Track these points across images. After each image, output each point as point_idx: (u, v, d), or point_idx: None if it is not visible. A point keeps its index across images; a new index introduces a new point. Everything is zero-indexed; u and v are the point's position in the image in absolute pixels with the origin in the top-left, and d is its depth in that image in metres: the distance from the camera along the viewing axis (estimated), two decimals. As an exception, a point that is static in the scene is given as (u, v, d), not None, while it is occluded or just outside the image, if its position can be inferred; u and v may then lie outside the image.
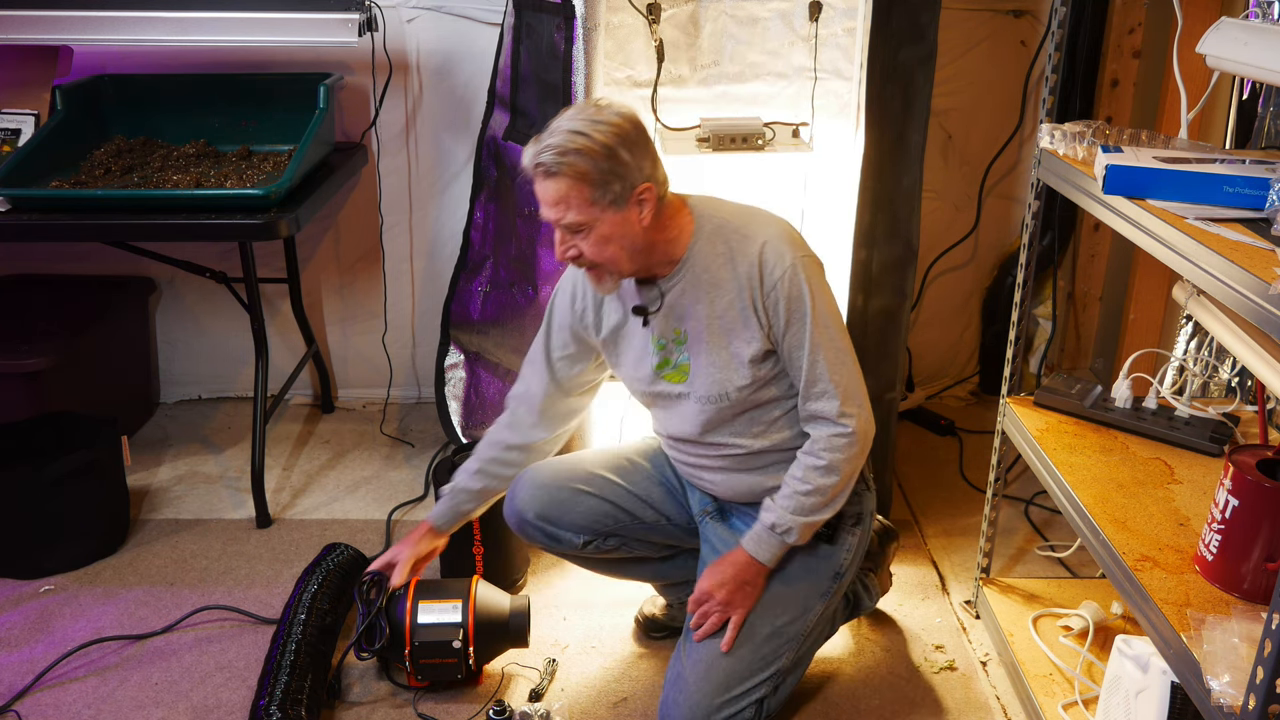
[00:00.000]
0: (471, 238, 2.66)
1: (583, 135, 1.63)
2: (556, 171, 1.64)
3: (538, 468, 2.05)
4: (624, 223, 1.69)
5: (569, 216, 1.68)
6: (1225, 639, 1.32)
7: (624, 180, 1.66)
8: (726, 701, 1.79)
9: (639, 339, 1.87)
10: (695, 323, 1.80)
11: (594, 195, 1.66)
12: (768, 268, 1.73)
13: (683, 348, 1.84)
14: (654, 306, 1.83)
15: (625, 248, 1.72)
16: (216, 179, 2.55)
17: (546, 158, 1.64)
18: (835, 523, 1.90)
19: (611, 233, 1.69)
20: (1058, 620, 2.15)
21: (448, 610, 1.99)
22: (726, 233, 1.78)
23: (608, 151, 1.64)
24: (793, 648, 1.86)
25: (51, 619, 2.24)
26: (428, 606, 1.99)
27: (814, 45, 2.26)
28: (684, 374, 1.85)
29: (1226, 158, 1.63)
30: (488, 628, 2.01)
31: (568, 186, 1.65)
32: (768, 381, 1.81)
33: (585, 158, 1.63)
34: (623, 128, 1.66)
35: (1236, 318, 1.84)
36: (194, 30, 2.53)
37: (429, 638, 1.97)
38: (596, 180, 1.64)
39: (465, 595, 2.01)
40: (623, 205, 1.67)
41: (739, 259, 1.76)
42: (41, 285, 3.02)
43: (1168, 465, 1.82)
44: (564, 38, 2.17)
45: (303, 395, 3.27)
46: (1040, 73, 2.93)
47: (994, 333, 3.22)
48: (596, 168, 1.63)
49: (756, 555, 1.83)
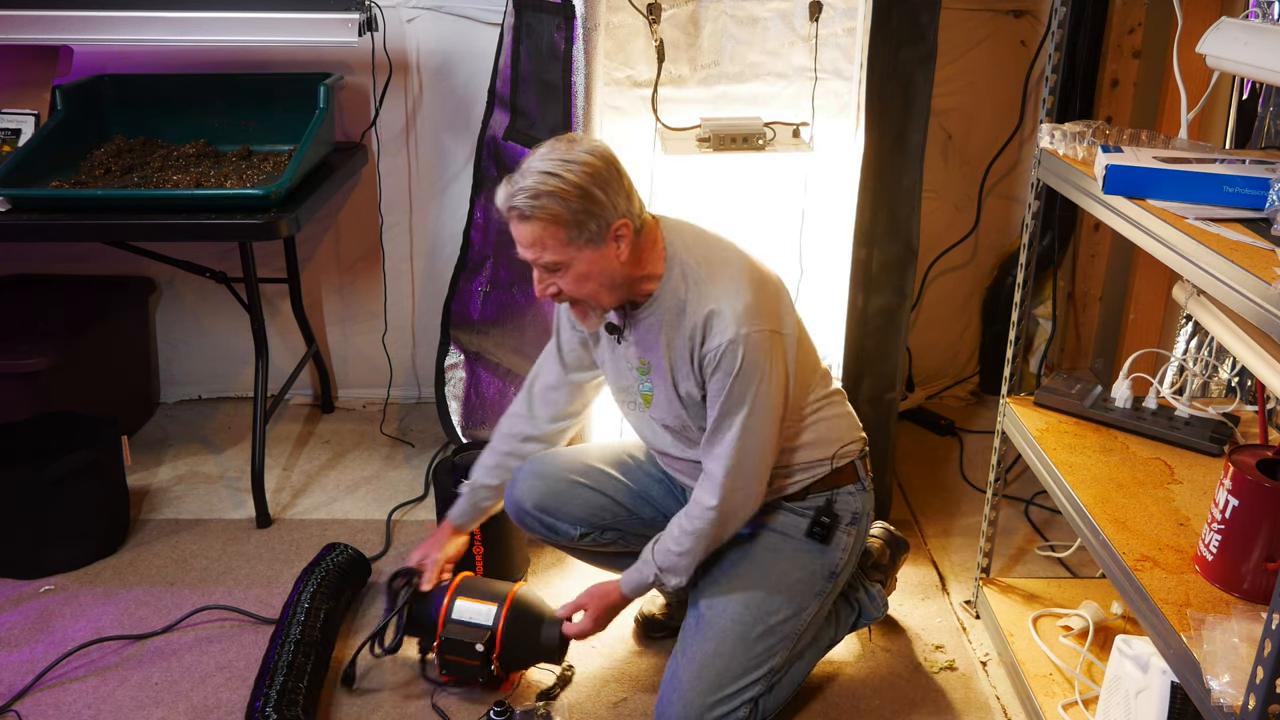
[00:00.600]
0: (471, 238, 2.66)
1: (555, 176, 1.63)
2: (530, 215, 1.65)
3: (538, 459, 2.06)
4: (601, 259, 1.69)
5: (545, 257, 1.69)
6: (1225, 639, 1.32)
7: (599, 219, 1.66)
8: (720, 700, 1.79)
9: (615, 354, 1.91)
10: (655, 358, 1.83)
11: (569, 235, 1.66)
12: (711, 333, 1.73)
13: (646, 377, 1.87)
14: (627, 332, 1.86)
15: (604, 284, 1.72)
16: (216, 179, 2.55)
17: (520, 201, 1.65)
18: (830, 523, 1.91)
19: (589, 270, 1.70)
20: (1058, 620, 2.15)
21: (481, 612, 1.97)
22: (689, 282, 1.78)
23: (581, 192, 1.64)
24: (786, 646, 1.87)
25: (51, 619, 2.24)
26: (464, 604, 1.98)
27: (814, 45, 2.26)
28: (649, 400, 1.89)
29: (1226, 158, 1.63)
30: (517, 638, 1.96)
31: (542, 229, 1.66)
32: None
33: (558, 200, 1.63)
34: (595, 166, 1.65)
35: (1236, 318, 1.84)
36: (194, 30, 2.53)
37: (456, 635, 1.95)
38: (571, 221, 1.65)
39: (502, 601, 1.98)
40: (599, 243, 1.68)
41: (689, 314, 1.76)
42: (41, 285, 3.02)
43: (1168, 465, 1.82)
44: (564, 38, 2.17)
45: (303, 395, 3.27)
46: (1040, 73, 2.93)
47: (994, 333, 3.22)
48: (570, 209, 1.64)
49: (624, 589, 1.92)
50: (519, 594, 2.01)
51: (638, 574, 1.89)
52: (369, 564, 2.38)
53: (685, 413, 1.83)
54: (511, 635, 1.96)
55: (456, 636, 1.95)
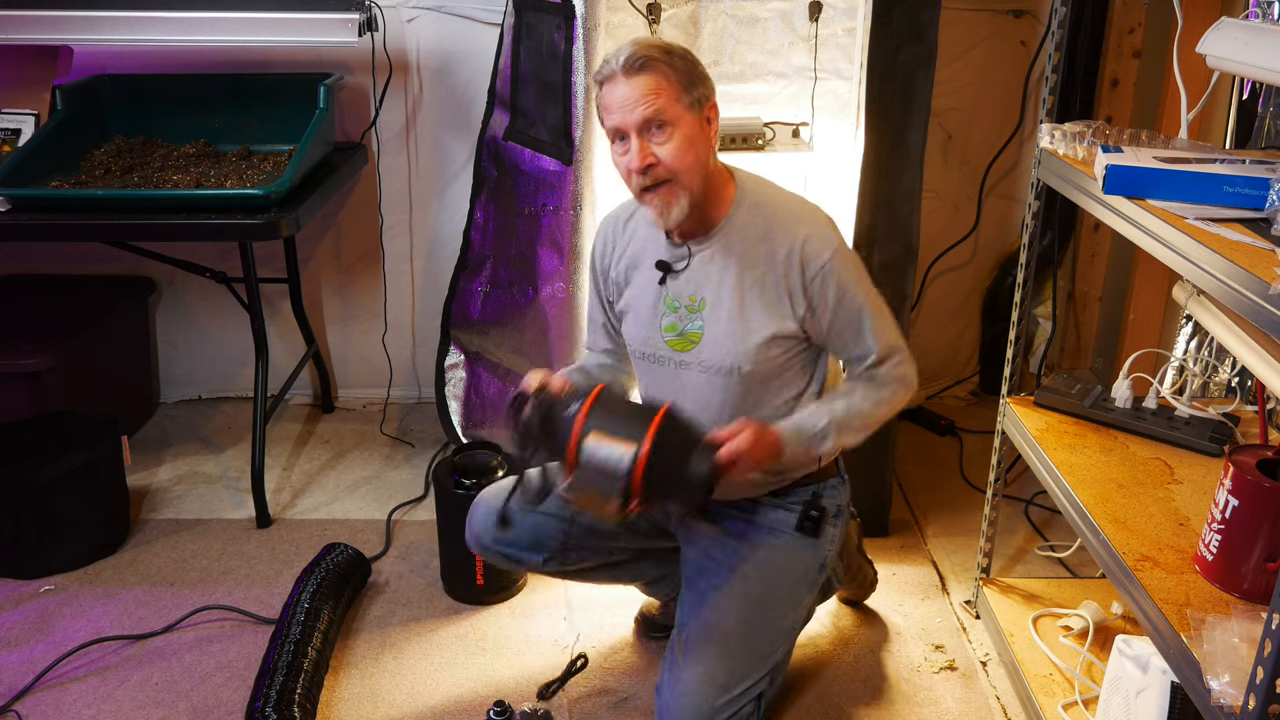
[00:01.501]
0: (471, 238, 2.66)
1: (661, 41, 1.68)
2: (645, 66, 1.65)
3: (494, 491, 2.02)
4: (700, 131, 1.70)
5: (658, 105, 1.65)
6: (1225, 639, 1.32)
7: (702, 87, 1.69)
8: (730, 700, 1.79)
9: (651, 297, 1.86)
10: (719, 291, 1.79)
11: (680, 93, 1.67)
12: (810, 256, 1.74)
13: (697, 315, 1.82)
14: (679, 265, 1.81)
15: (700, 159, 1.71)
16: (216, 179, 2.55)
17: (637, 52, 1.66)
18: (819, 517, 1.91)
19: (691, 135, 1.69)
20: (1058, 620, 2.15)
21: (616, 453, 1.57)
22: (767, 210, 1.78)
23: (686, 55, 1.69)
24: (786, 640, 1.87)
25: (51, 619, 2.24)
26: (596, 444, 1.60)
27: (814, 45, 2.26)
28: (692, 342, 1.82)
29: (1226, 158, 1.63)
30: (661, 478, 1.59)
31: (659, 79, 1.66)
32: (776, 366, 1.80)
33: (674, 55, 1.67)
34: (691, 53, 1.72)
35: (1236, 318, 1.84)
36: (194, 30, 2.53)
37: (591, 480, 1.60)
38: (684, 78, 1.67)
39: (642, 438, 1.57)
40: (699, 112, 1.70)
41: (778, 239, 1.76)
42: (41, 285, 3.02)
43: (1168, 465, 1.82)
44: (564, 38, 2.17)
45: (303, 395, 3.27)
46: (1040, 73, 2.93)
47: (994, 333, 3.22)
48: (681, 65, 1.67)
49: (785, 440, 1.73)
50: (662, 426, 1.60)
51: (798, 422, 1.75)
52: (369, 564, 2.38)
53: (739, 348, 1.77)
54: (654, 476, 1.58)
55: (590, 483, 1.61)
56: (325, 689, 2.03)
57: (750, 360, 1.78)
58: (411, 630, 2.22)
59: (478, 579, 2.28)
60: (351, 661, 2.13)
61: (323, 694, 2.01)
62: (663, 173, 1.69)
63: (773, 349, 1.78)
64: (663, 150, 1.68)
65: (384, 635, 2.21)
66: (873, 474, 2.45)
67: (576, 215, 2.32)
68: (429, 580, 2.39)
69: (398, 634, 2.21)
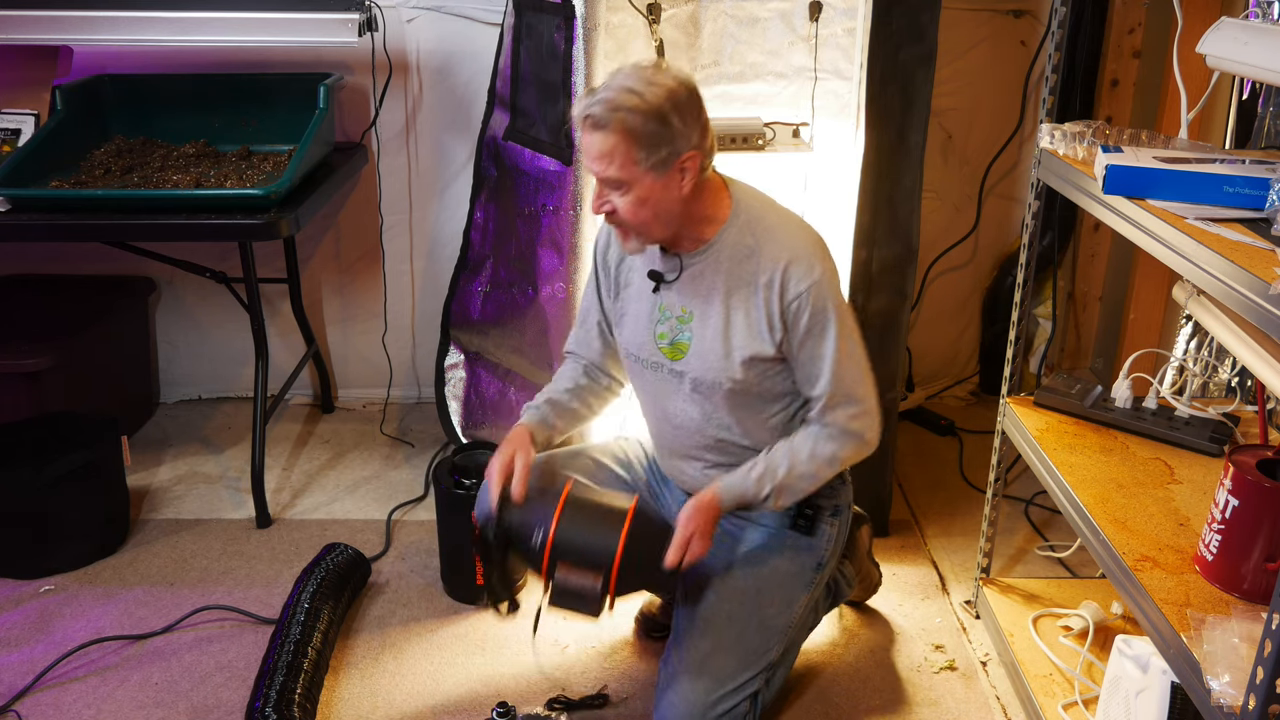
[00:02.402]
0: (471, 238, 2.66)
1: (636, 94, 1.62)
2: (605, 124, 1.63)
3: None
4: (663, 189, 1.68)
5: (610, 171, 1.66)
6: (1225, 639, 1.32)
7: (670, 145, 1.65)
8: (721, 697, 1.79)
9: (646, 304, 1.87)
10: (706, 307, 1.80)
11: (638, 155, 1.64)
12: (791, 280, 1.73)
13: (687, 326, 1.83)
14: (671, 277, 1.83)
15: (659, 214, 1.71)
16: (216, 179, 2.55)
17: (597, 110, 1.63)
18: (813, 515, 1.92)
19: (648, 196, 1.68)
20: (1058, 620, 2.15)
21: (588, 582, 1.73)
22: (758, 230, 1.77)
23: (658, 113, 1.62)
24: (781, 639, 1.87)
25: (51, 619, 2.24)
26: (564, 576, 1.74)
27: (814, 45, 2.26)
28: (681, 352, 1.85)
29: (1226, 158, 1.63)
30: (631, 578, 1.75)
31: (615, 141, 1.64)
32: (760, 383, 1.82)
33: (636, 115, 1.62)
34: (677, 91, 1.65)
35: (1236, 318, 1.84)
36: (194, 30, 2.53)
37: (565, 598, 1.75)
38: (643, 140, 1.63)
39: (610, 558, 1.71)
40: (664, 171, 1.66)
41: (763, 262, 1.75)
42: (41, 285, 3.02)
43: (1168, 465, 1.82)
44: (564, 38, 2.17)
45: (303, 395, 3.27)
46: (1040, 73, 2.93)
47: (994, 333, 3.22)
48: (645, 127, 1.62)
49: (722, 498, 1.81)
50: (628, 543, 1.72)
51: (741, 488, 1.81)
52: (369, 564, 2.38)
53: (723, 365, 1.79)
54: (626, 578, 1.73)
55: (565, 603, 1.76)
56: (325, 689, 2.03)
57: (732, 378, 1.81)
58: (411, 630, 2.22)
59: (478, 578, 2.28)
60: (351, 661, 2.13)
61: (323, 694, 2.01)
62: (618, 221, 1.73)
63: (754, 368, 1.80)
64: (619, 203, 1.70)
65: (384, 635, 2.21)
66: (873, 474, 2.45)
67: (576, 215, 2.32)
68: (429, 580, 2.39)
69: (398, 634, 2.21)
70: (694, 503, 1.80)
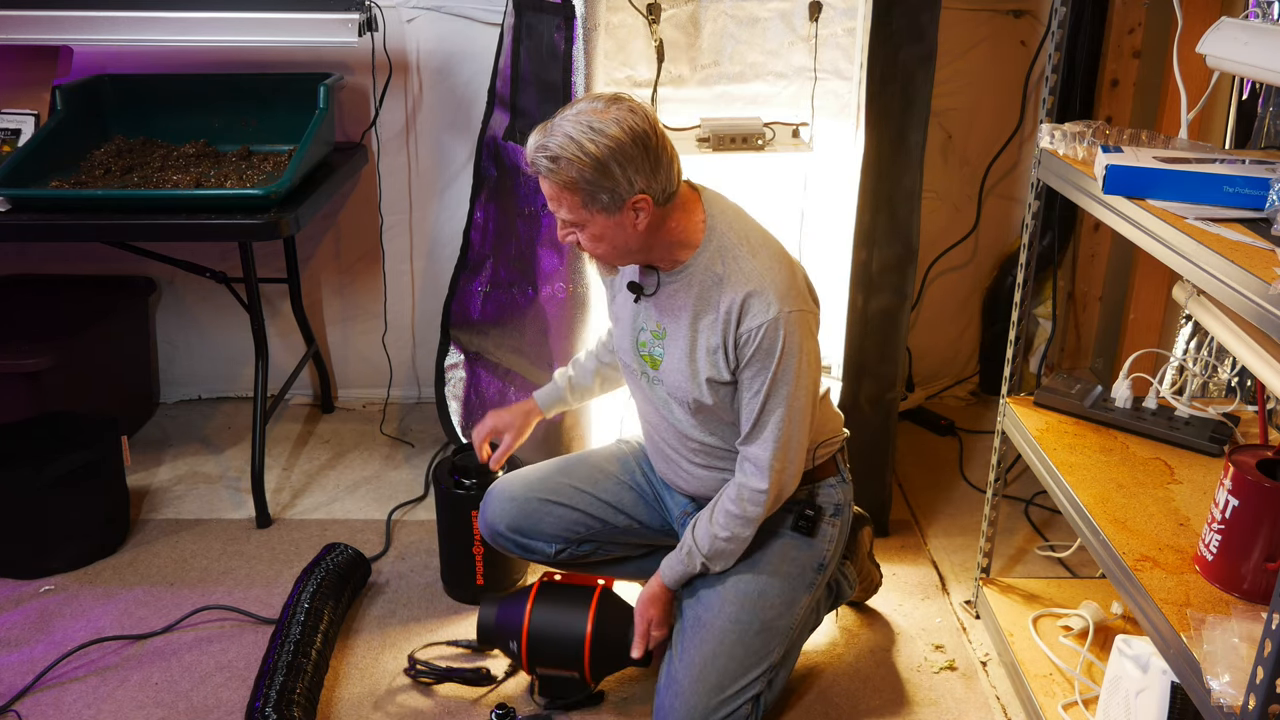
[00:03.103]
0: (471, 238, 2.66)
1: (576, 144, 1.63)
2: (546, 176, 1.68)
3: (507, 481, 2.09)
4: (617, 226, 1.70)
5: (561, 214, 1.72)
6: (1225, 639, 1.32)
7: (612, 192, 1.66)
8: (723, 701, 1.79)
9: (629, 312, 1.91)
10: (676, 326, 1.82)
11: (583, 200, 1.68)
12: (749, 312, 1.73)
13: (660, 342, 1.86)
14: (649, 291, 1.85)
15: (617, 248, 1.74)
16: (216, 179, 2.55)
17: (539, 161, 1.67)
18: (814, 516, 1.92)
19: (603, 233, 1.72)
20: (1058, 620, 2.15)
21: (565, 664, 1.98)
22: (728, 258, 1.77)
23: (597, 164, 1.63)
24: (782, 641, 1.88)
25: (51, 619, 2.24)
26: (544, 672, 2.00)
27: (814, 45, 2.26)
28: (656, 364, 1.88)
29: (1226, 158, 1.63)
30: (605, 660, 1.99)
31: (558, 190, 1.69)
32: (725, 404, 1.83)
33: (574, 167, 1.64)
34: (620, 141, 1.63)
35: (1236, 318, 1.84)
36: (194, 30, 2.53)
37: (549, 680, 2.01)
38: (584, 189, 1.66)
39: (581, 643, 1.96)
40: (615, 212, 1.68)
41: (726, 290, 1.75)
42: (41, 285, 3.02)
43: (1168, 465, 1.82)
44: (564, 38, 2.17)
45: (303, 395, 3.27)
46: (1040, 73, 2.93)
47: (994, 333, 3.22)
48: (583, 178, 1.64)
49: (666, 579, 1.91)
50: (595, 627, 1.96)
51: (683, 566, 1.88)
52: (369, 564, 2.38)
53: (690, 385, 1.82)
54: (599, 665, 1.98)
55: (553, 693, 2.02)
56: (325, 689, 2.03)
57: (698, 398, 1.83)
58: (411, 630, 2.22)
59: (478, 578, 2.28)
60: (351, 661, 2.13)
61: (323, 694, 2.01)
62: (584, 250, 1.77)
63: (717, 391, 1.81)
64: (580, 237, 1.75)
65: (384, 635, 2.21)
66: (873, 474, 2.45)
67: (576, 215, 2.32)
68: (429, 580, 2.39)
69: (398, 634, 2.21)
70: (646, 595, 1.93)
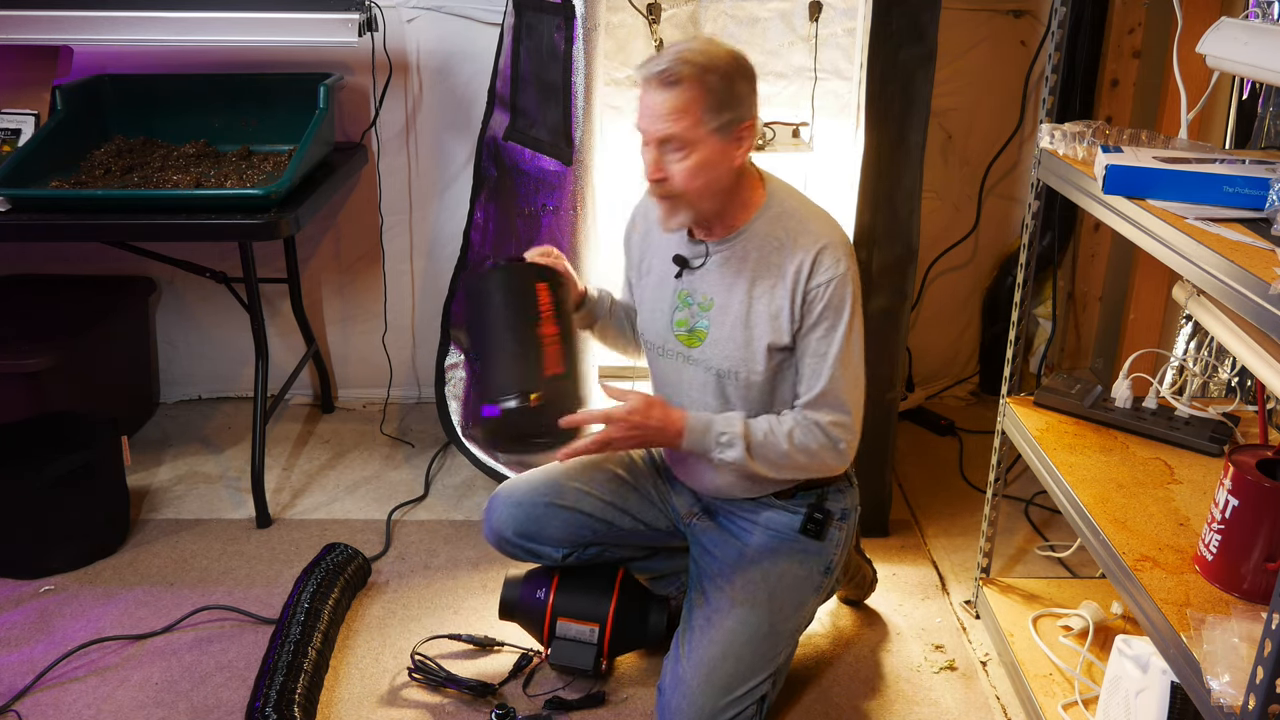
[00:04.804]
0: (471, 238, 2.66)
1: (706, 54, 1.64)
2: (678, 80, 1.63)
3: (511, 486, 2.08)
4: (721, 154, 1.69)
5: (677, 128, 1.65)
6: (1225, 639, 1.32)
7: (734, 110, 1.67)
8: (731, 702, 1.79)
9: (668, 288, 1.88)
10: (728, 295, 1.80)
11: (706, 115, 1.65)
12: (820, 267, 1.74)
13: (706, 314, 1.83)
14: (696, 263, 1.83)
15: (712, 182, 1.71)
16: (216, 179, 2.55)
17: (671, 64, 1.64)
18: (823, 520, 1.92)
19: (708, 160, 1.68)
20: (1058, 620, 2.15)
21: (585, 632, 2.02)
22: (790, 221, 1.78)
23: (727, 74, 1.65)
24: (789, 644, 1.89)
25: (51, 619, 2.24)
26: (566, 625, 2.02)
27: (814, 45, 2.26)
28: (699, 339, 1.85)
29: (1226, 158, 1.63)
30: (623, 638, 2.04)
31: (687, 98, 1.64)
32: (773, 373, 1.81)
33: (710, 73, 1.64)
34: (740, 59, 1.68)
35: (1236, 318, 1.84)
36: (194, 30, 2.53)
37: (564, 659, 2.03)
38: (714, 99, 1.64)
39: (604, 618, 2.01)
40: (726, 136, 1.68)
41: (794, 251, 1.76)
42: (41, 285, 3.02)
43: (1168, 465, 1.82)
44: (564, 38, 2.17)
45: (303, 395, 3.27)
46: (1040, 73, 2.93)
47: (994, 333, 3.22)
48: (717, 86, 1.64)
49: (688, 433, 1.78)
50: (619, 603, 2.02)
51: (706, 439, 1.78)
52: (369, 564, 2.38)
53: (742, 353, 1.80)
54: (618, 640, 2.01)
55: (564, 661, 2.02)
56: (325, 689, 2.03)
57: (747, 366, 1.80)
58: (412, 630, 2.22)
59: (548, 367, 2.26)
60: (351, 661, 2.13)
61: (323, 694, 2.01)
62: (672, 189, 1.71)
63: (771, 358, 1.80)
64: (676, 168, 1.69)
65: (384, 635, 2.21)
66: (873, 474, 2.45)
67: (576, 215, 2.32)
68: (429, 580, 2.39)
69: (398, 634, 2.21)
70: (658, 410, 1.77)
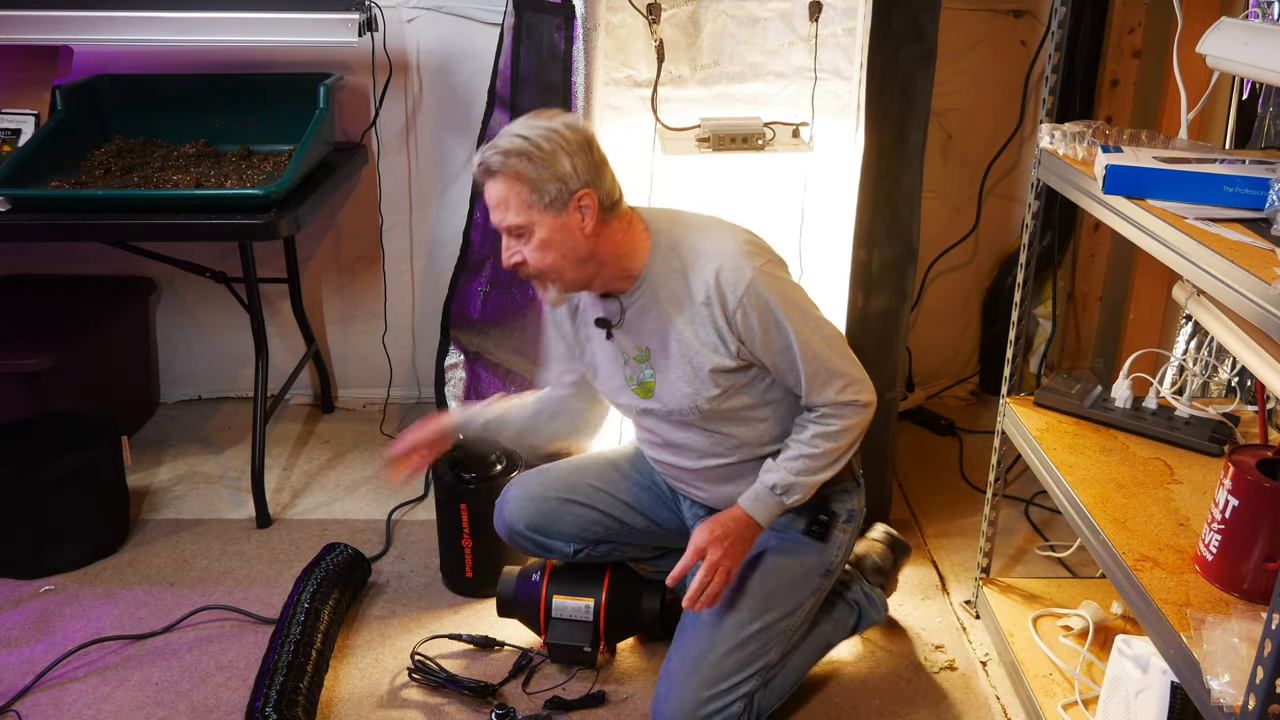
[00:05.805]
0: (471, 238, 2.66)
1: (522, 138, 1.66)
2: (496, 171, 1.67)
3: (524, 479, 2.08)
4: (564, 228, 1.69)
5: (509, 218, 1.69)
6: (1225, 639, 1.32)
7: (561, 184, 1.66)
8: (714, 695, 1.80)
9: (607, 352, 1.89)
10: (656, 340, 1.81)
11: (531, 197, 1.66)
12: (727, 288, 1.72)
13: (645, 364, 1.85)
14: (615, 320, 1.84)
15: (566, 255, 1.71)
16: (216, 179, 2.55)
17: (488, 157, 1.67)
18: (828, 521, 1.92)
19: (551, 238, 1.69)
20: (1058, 620, 2.15)
21: (580, 609, 2.07)
22: (681, 250, 1.77)
23: (544, 154, 1.65)
24: (780, 642, 1.88)
25: (51, 619, 2.24)
26: (562, 602, 2.07)
27: (814, 45, 2.26)
28: (649, 390, 1.86)
29: (1226, 158, 1.63)
30: (619, 622, 2.09)
31: (506, 187, 1.67)
32: (738, 390, 1.81)
33: (523, 158, 1.65)
34: (564, 135, 1.67)
35: (1236, 318, 1.84)
36: (194, 30, 2.53)
37: (562, 639, 2.07)
38: (532, 181, 1.66)
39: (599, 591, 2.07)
40: (561, 210, 1.67)
41: (694, 279, 1.75)
42: (41, 285, 3.02)
43: (1168, 465, 1.82)
44: (564, 38, 2.17)
45: (303, 395, 3.27)
46: (1040, 73, 2.93)
47: (994, 333, 3.22)
48: (533, 168, 1.65)
49: (754, 515, 1.80)
50: (613, 579, 2.08)
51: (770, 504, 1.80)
52: (369, 564, 2.38)
53: (691, 389, 1.80)
54: (614, 621, 2.06)
55: (562, 640, 2.06)
56: (325, 689, 2.03)
57: (705, 396, 1.81)
58: (412, 630, 2.22)
59: (467, 572, 2.29)
60: (351, 661, 2.13)
61: (323, 694, 2.01)
62: (530, 270, 1.74)
63: (723, 380, 1.79)
64: (526, 251, 1.71)
65: (384, 635, 2.21)
66: (873, 474, 2.45)
67: (576, 215, 2.32)
68: (429, 580, 2.39)
69: (398, 634, 2.21)
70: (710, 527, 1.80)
